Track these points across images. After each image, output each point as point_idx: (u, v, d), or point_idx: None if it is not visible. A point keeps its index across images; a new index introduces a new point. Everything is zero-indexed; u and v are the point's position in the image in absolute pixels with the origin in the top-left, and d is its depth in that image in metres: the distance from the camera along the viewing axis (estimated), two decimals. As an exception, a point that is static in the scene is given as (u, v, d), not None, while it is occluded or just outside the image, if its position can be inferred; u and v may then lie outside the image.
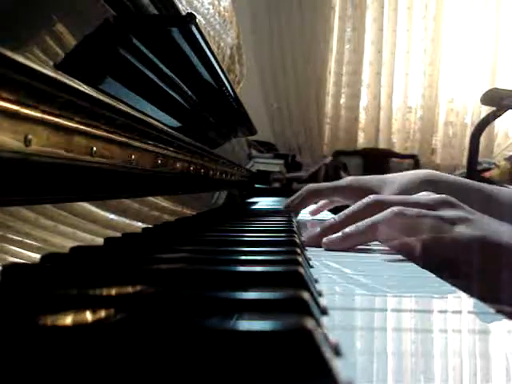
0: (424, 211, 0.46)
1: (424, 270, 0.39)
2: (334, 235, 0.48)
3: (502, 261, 0.41)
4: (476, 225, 0.44)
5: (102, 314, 0.19)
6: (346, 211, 0.52)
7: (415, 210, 0.46)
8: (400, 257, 0.45)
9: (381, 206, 0.48)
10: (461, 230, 0.43)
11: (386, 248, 0.49)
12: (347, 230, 0.48)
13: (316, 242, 0.49)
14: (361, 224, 0.47)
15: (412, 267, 0.41)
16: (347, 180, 0.75)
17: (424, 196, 0.49)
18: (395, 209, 0.46)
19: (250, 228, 0.57)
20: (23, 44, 0.30)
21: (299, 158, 3.42)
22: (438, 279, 0.35)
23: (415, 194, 0.52)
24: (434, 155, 3.61)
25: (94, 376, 0.15)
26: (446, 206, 0.46)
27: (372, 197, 0.51)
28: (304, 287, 0.24)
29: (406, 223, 0.45)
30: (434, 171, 0.67)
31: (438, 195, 0.48)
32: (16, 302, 0.21)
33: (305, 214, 0.89)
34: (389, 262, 0.43)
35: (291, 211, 0.77)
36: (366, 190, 0.66)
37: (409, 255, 0.44)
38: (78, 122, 0.34)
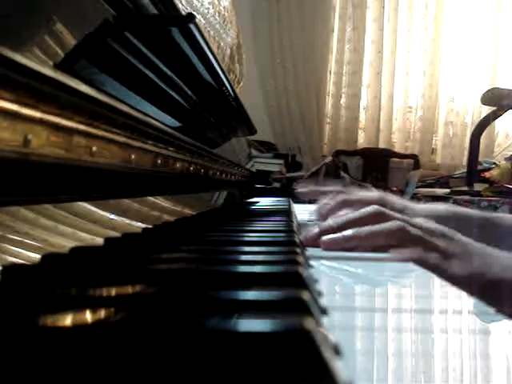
0: (425, 237, 0.47)
1: (424, 271, 0.39)
2: (333, 236, 0.49)
3: (497, 295, 0.42)
4: (471, 260, 0.45)
5: (102, 313, 0.19)
6: (347, 216, 0.52)
7: (417, 231, 0.47)
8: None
9: (382, 217, 0.49)
10: (455, 266, 0.45)
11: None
12: (349, 232, 0.48)
13: (313, 242, 0.49)
14: (363, 230, 0.48)
15: (412, 267, 0.41)
16: (376, 197, 0.72)
17: (424, 222, 0.50)
18: (399, 223, 0.47)
19: (250, 228, 0.57)
20: (23, 44, 0.29)
21: (299, 158, 3.42)
22: (439, 280, 0.35)
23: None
24: (434, 155, 3.61)
25: (94, 376, 0.15)
26: (445, 237, 0.48)
27: (375, 207, 0.51)
28: (304, 287, 0.24)
29: (407, 241, 0.46)
30: (449, 208, 0.67)
31: (438, 226, 0.49)
32: (16, 302, 0.21)
33: (304, 214, 0.89)
34: (389, 262, 0.43)
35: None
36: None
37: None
38: (77, 122, 0.34)
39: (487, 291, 0.42)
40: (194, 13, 0.47)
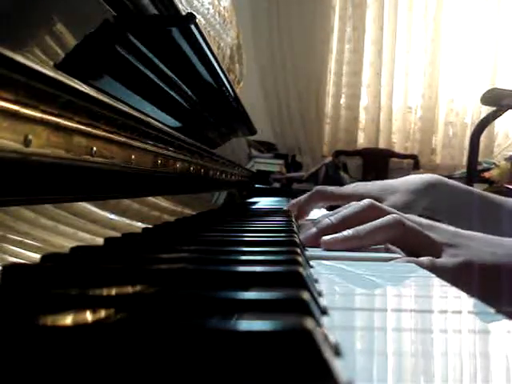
0: (418, 228, 0.49)
1: (424, 270, 0.39)
2: (334, 236, 0.49)
3: (485, 281, 0.43)
4: (460, 249, 0.47)
5: (102, 314, 0.19)
6: (343, 213, 0.52)
7: (411, 224, 0.48)
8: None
9: (376, 211, 0.51)
10: (446, 256, 0.46)
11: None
12: (347, 233, 0.49)
13: (312, 242, 0.50)
14: (361, 229, 0.48)
15: (412, 267, 0.41)
16: (349, 188, 0.75)
17: (414, 217, 0.52)
18: (394, 216, 0.48)
19: (250, 228, 0.57)
20: (23, 44, 0.30)
21: (299, 158, 3.42)
22: (439, 279, 0.35)
23: (418, 200, 0.56)
24: (434, 155, 3.61)
25: (94, 376, 0.15)
26: (434, 229, 0.49)
27: (368, 201, 0.52)
28: (304, 287, 0.24)
29: (403, 234, 0.48)
30: (436, 176, 0.68)
31: (427, 220, 0.51)
32: (16, 302, 0.21)
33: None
34: (389, 262, 0.43)
35: (296, 213, 0.77)
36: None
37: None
38: (77, 122, 0.34)
39: (482, 278, 0.44)
40: (194, 13, 0.47)
